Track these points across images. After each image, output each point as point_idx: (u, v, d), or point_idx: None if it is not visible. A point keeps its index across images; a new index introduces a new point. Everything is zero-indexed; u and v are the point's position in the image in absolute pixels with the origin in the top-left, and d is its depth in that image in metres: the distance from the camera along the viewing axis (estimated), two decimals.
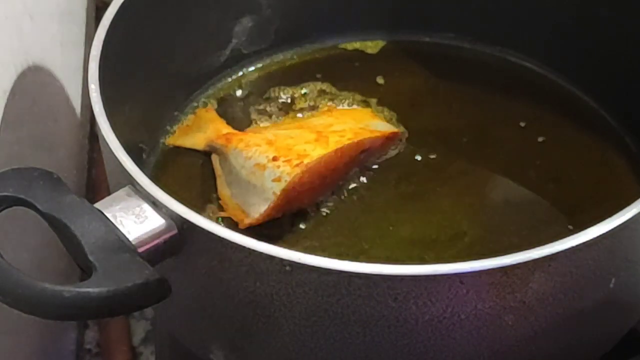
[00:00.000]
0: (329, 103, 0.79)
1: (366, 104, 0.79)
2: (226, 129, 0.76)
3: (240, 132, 0.75)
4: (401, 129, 0.76)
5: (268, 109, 0.79)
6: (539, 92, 0.80)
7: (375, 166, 0.74)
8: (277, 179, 0.69)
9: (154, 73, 0.74)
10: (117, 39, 0.67)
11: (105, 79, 0.64)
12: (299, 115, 0.78)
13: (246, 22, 0.80)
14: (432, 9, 0.83)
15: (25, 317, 0.55)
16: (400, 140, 0.76)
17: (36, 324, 0.64)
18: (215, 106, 0.79)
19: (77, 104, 0.85)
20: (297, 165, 0.69)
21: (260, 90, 0.80)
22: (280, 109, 0.79)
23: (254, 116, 0.78)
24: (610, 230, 0.56)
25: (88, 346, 0.81)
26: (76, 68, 0.86)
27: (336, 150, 0.71)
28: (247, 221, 0.69)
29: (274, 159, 0.70)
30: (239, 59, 0.81)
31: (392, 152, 0.75)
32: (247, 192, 0.70)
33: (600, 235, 0.56)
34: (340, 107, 0.79)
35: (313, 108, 0.79)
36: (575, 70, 0.80)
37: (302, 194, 0.70)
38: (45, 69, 0.77)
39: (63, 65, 0.82)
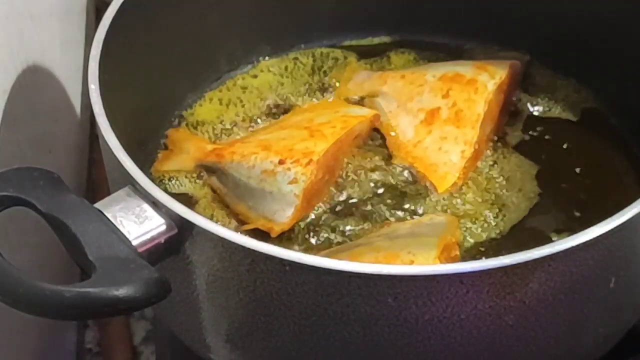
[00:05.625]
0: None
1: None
2: (209, 145, 0.75)
3: (227, 145, 0.75)
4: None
5: (268, 107, 0.79)
6: (538, 92, 0.80)
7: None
8: (294, 181, 0.69)
9: (154, 73, 0.74)
10: (117, 39, 0.67)
11: (105, 79, 0.64)
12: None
13: (246, 23, 0.80)
14: (433, 9, 0.83)
15: (25, 317, 0.55)
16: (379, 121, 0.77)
17: (36, 324, 0.64)
18: (219, 102, 0.79)
19: (77, 104, 0.85)
20: (308, 163, 0.70)
21: (262, 89, 0.80)
22: (280, 110, 0.79)
23: (256, 115, 0.79)
24: (610, 230, 0.56)
25: (88, 346, 0.81)
26: (76, 68, 0.86)
27: (336, 141, 0.72)
28: (278, 228, 0.69)
29: (281, 162, 0.70)
30: (238, 59, 0.81)
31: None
32: (264, 201, 0.70)
33: (600, 235, 0.56)
34: None
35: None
36: (576, 70, 0.80)
37: (316, 190, 0.71)
38: (45, 69, 0.77)
39: (63, 65, 0.82)
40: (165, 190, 0.67)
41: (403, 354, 0.58)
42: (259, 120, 0.78)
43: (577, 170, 0.75)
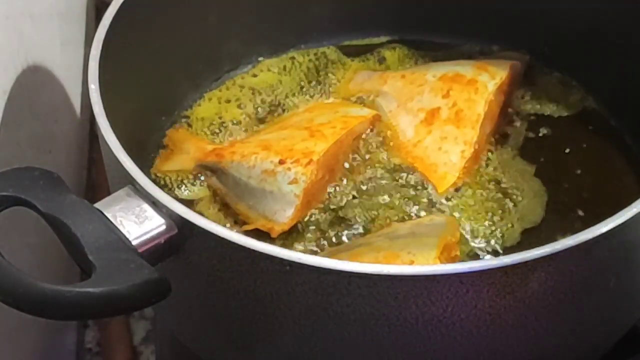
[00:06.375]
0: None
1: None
2: (210, 145, 0.75)
3: (227, 145, 0.75)
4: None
5: (268, 107, 0.79)
6: (538, 92, 0.80)
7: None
8: (294, 181, 0.69)
9: (154, 73, 0.74)
10: (117, 39, 0.67)
11: (105, 79, 0.64)
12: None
13: (246, 23, 0.80)
14: (433, 9, 0.83)
15: (25, 317, 0.55)
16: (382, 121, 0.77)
17: (36, 324, 0.64)
18: (222, 99, 0.79)
19: (77, 104, 0.85)
20: (308, 163, 0.70)
21: (262, 89, 0.80)
22: (279, 109, 0.79)
23: (256, 115, 0.79)
24: (610, 230, 0.56)
25: (88, 345, 0.81)
26: (76, 68, 0.86)
27: (336, 142, 0.72)
28: (278, 228, 0.70)
29: (281, 162, 0.70)
30: (238, 59, 0.81)
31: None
32: (264, 200, 0.70)
33: (600, 235, 0.56)
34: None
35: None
36: (576, 70, 0.80)
37: (316, 190, 0.71)
38: (45, 69, 0.77)
39: (63, 65, 0.82)
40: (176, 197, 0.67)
41: (403, 354, 0.58)
42: (259, 120, 0.78)
43: (577, 170, 0.75)
